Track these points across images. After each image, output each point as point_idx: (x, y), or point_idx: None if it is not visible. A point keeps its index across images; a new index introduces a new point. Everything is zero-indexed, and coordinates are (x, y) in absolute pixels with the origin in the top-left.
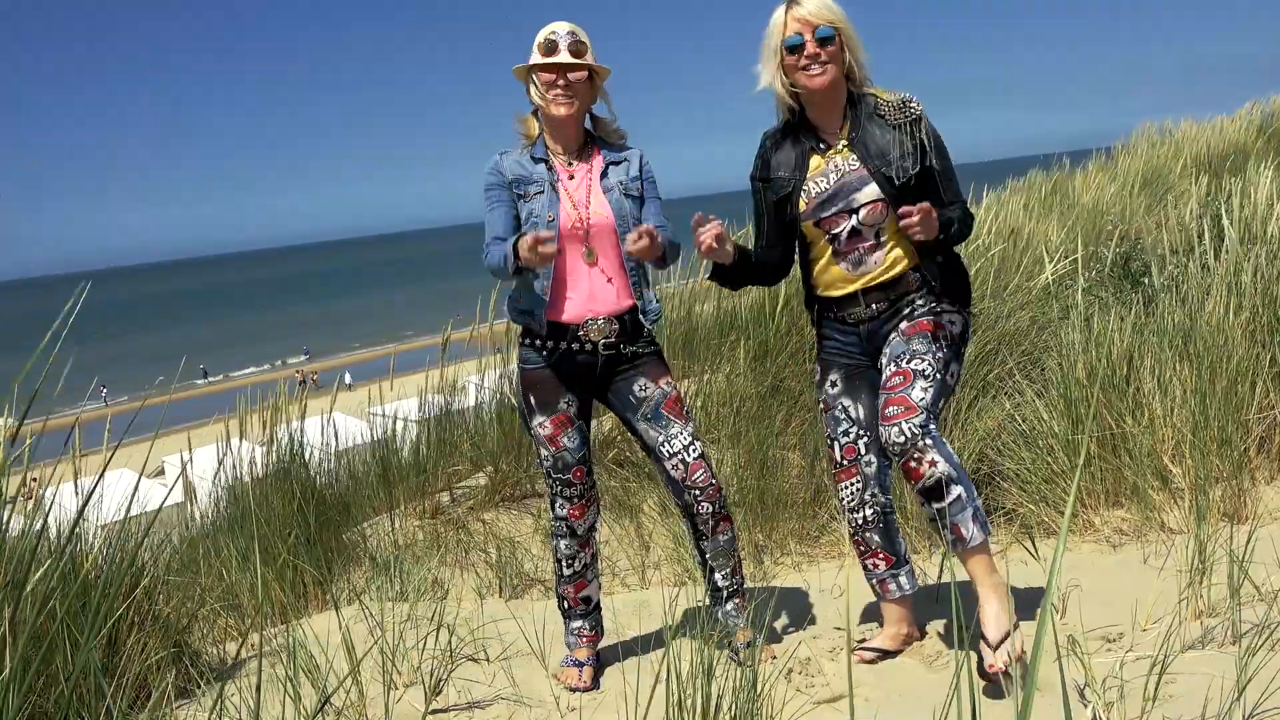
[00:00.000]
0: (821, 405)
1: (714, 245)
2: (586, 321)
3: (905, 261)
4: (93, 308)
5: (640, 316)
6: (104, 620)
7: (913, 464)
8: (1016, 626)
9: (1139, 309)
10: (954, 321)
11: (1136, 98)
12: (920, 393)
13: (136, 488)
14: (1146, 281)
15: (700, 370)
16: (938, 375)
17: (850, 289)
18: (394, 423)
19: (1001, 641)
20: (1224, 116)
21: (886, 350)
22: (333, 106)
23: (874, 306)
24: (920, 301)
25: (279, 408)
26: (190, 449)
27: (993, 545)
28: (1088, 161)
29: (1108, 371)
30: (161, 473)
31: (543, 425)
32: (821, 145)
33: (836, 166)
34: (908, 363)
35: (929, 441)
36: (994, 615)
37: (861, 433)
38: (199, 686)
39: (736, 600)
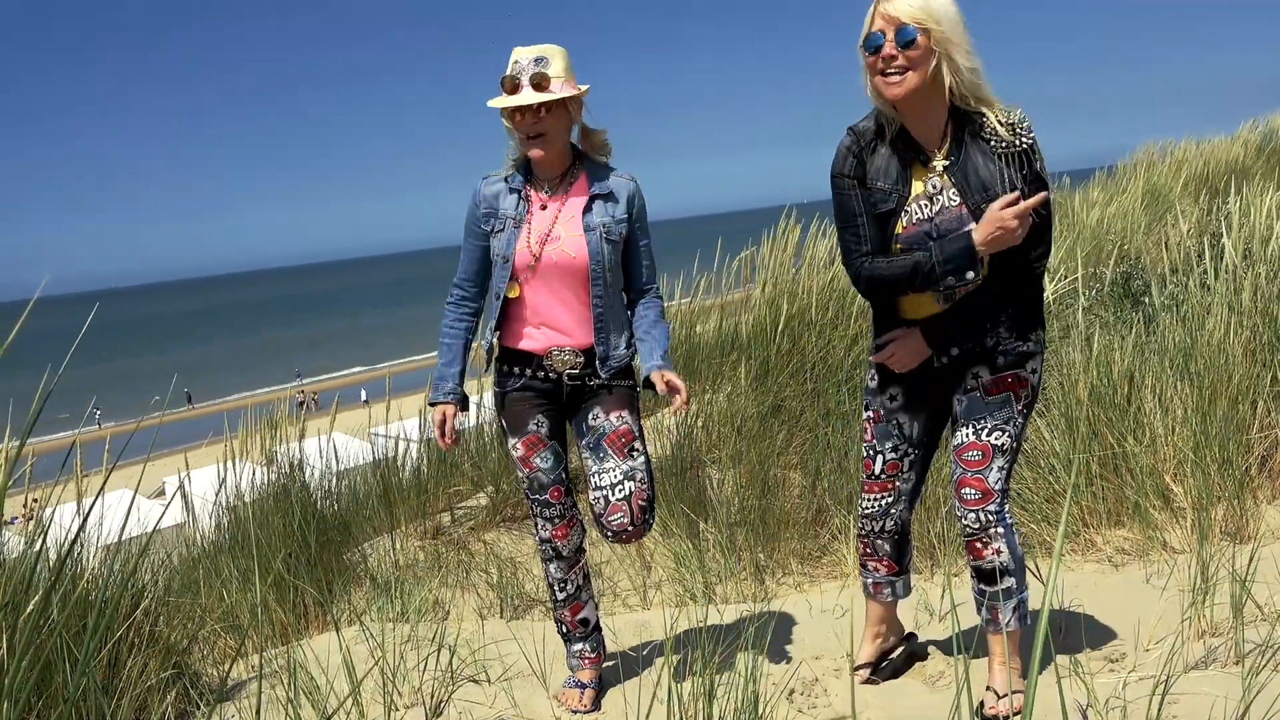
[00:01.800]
0: (871, 414)
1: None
2: (551, 352)
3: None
4: (87, 329)
5: (596, 363)
6: (104, 641)
7: (979, 545)
8: (1019, 692)
9: (1139, 328)
10: (1035, 369)
11: (1137, 117)
12: (997, 474)
13: (132, 505)
14: (1147, 301)
15: (701, 389)
16: (1013, 445)
17: (934, 312)
18: (395, 443)
19: (1007, 695)
20: (1224, 136)
21: (964, 399)
22: (343, 122)
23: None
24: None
25: (279, 428)
26: (190, 469)
27: None
28: (1088, 180)
29: (1108, 390)
30: (162, 493)
31: (515, 447)
32: (922, 159)
33: (935, 193)
34: (988, 434)
35: (1000, 530)
36: (1005, 676)
37: (910, 450)
38: (199, 708)
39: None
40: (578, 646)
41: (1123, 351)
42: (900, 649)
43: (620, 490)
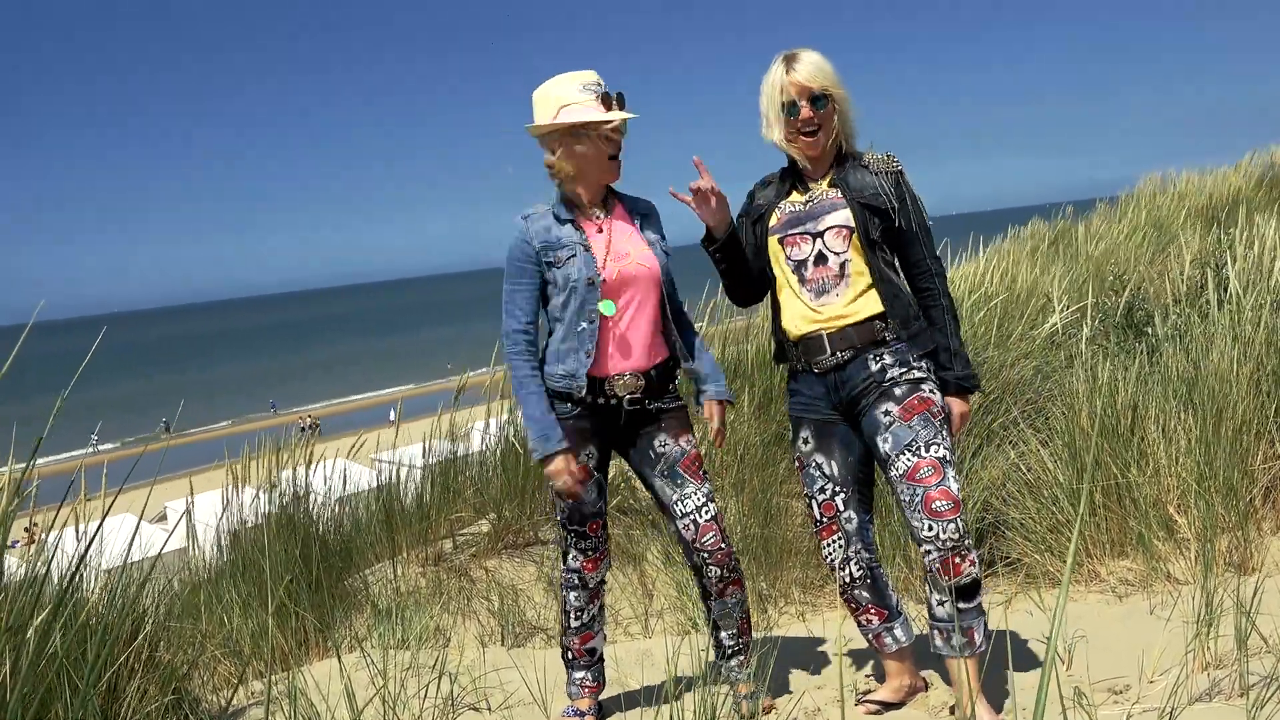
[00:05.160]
0: (796, 462)
1: (709, 197)
2: (614, 377)
3: (871, 309)
4: (74, 354)
5: (659, 383)
6: (104, 667)
7: (957, 560)
8: None
9: (1143, 358)
10: (934, 390)
11: (1140, 148)
12: (956, 484)
13: (136, 531)
14: (1150, 331)
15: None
16: (952, 457)
17: (814, 327)
18: (397, 468)
19: None
20: (1226, 166)
21: (887, 437)
22: (352, 147)
23: (840, 354)
24: (890, 360)
25: (292, 451)
26: (194, 493)
27: (998, 595)
28: (1091, 211)
29: (1112, 420)
30: (164, 518)
31: None
32: (802, 186)
33: (815, 196)
34: (927, 450)
35: (970, 541)
36: (989, 714)
37: (838, 490)
38: None
39: (740, 658)
40: (580, 674)
41: (1126, 381)
42: (917, 696)
43: (706, 512)
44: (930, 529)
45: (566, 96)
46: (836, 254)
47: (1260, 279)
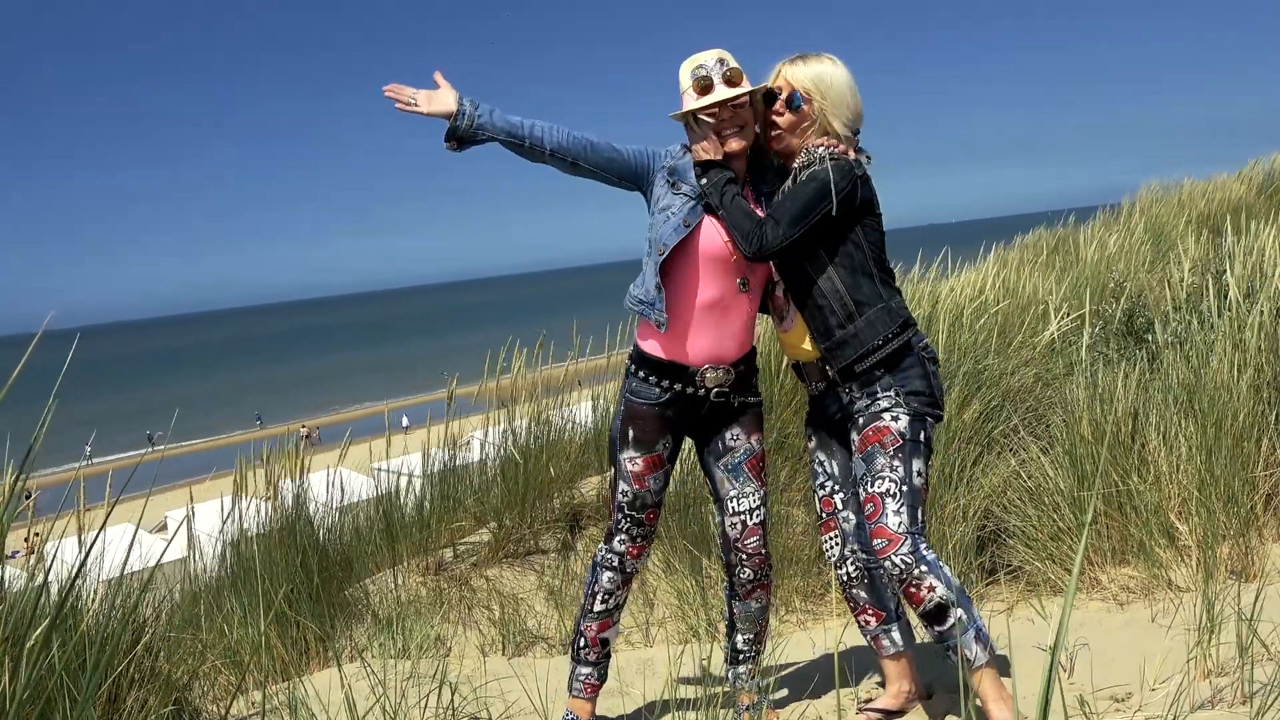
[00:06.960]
0: (807, 461)
1: None
2: (705, 369)
3: (809, 350)
4: (78, 364)
5: (741, 378)
6: (104, 677)
7: (912, 589)
8: None
9: (1143, 365)
10: (896, 415)
11: (1143, 155)
12: (895, 517)
13: (134, 541)
14: (1150, 338)
15: None
16: (903, 488)
17: (792, 354)
18: (398, 478)
19: None
20: (1226, 174)
21: (853, 466)
22: (358, 152)
23: (815, 385)
24: (858, 392)
25: (283, 463)
26: (194, 503)
27: (998, 604)
28: (1092, 218)
29: (1113, 428)
30: (164, 527)
31: (633, 461)
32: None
33: None
34: (871, 486)
35: (924, 568)
36: (1005, 713)
37: (836, 488)
38: None
39: (750, 666)
40: (585, 671)
41: (1127, 389)
42: (918, 704)
43: (757, 515)
44: (883, 565)
45: (682, 84)
46: (776, 280)
47: (1260, 285)
